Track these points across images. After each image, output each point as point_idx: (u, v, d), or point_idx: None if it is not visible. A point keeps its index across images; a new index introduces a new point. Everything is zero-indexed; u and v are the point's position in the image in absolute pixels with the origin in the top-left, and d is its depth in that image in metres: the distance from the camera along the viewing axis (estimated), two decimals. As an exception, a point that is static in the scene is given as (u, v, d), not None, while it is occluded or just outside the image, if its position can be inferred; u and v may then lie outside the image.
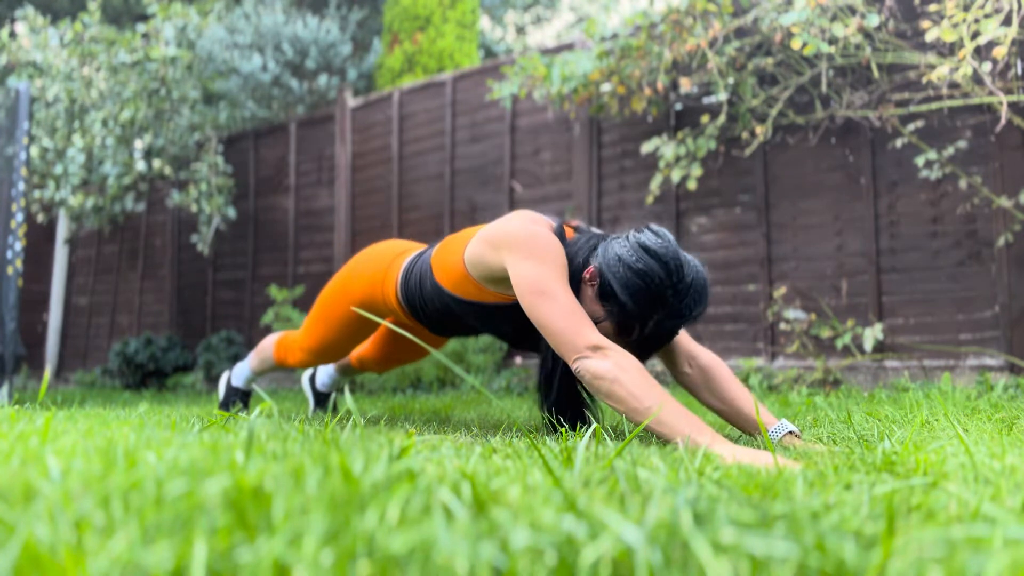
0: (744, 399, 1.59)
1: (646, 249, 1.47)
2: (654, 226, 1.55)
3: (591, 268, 1.53)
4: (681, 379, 1.67)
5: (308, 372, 2.71)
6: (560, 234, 1.63)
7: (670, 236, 1.52)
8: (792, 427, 1.47)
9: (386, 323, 1.23)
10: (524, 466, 0.84)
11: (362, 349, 2.42)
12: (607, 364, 1.35)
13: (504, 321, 1.74)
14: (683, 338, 1.68)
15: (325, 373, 2.63)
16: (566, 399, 1.61)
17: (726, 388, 1.60)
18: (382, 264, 1.98)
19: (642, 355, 1.54)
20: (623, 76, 3.68)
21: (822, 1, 3.12)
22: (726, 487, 0.73)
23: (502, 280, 1.62)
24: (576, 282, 1.56)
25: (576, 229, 1.70)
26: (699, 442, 1.21)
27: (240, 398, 2.52)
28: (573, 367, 1.42)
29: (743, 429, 1.59)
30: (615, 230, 4.15)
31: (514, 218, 1.63)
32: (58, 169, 5.29)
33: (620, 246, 1.52)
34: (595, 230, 1.70)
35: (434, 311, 1.84)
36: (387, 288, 1.94)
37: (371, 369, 2.47)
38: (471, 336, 2.01)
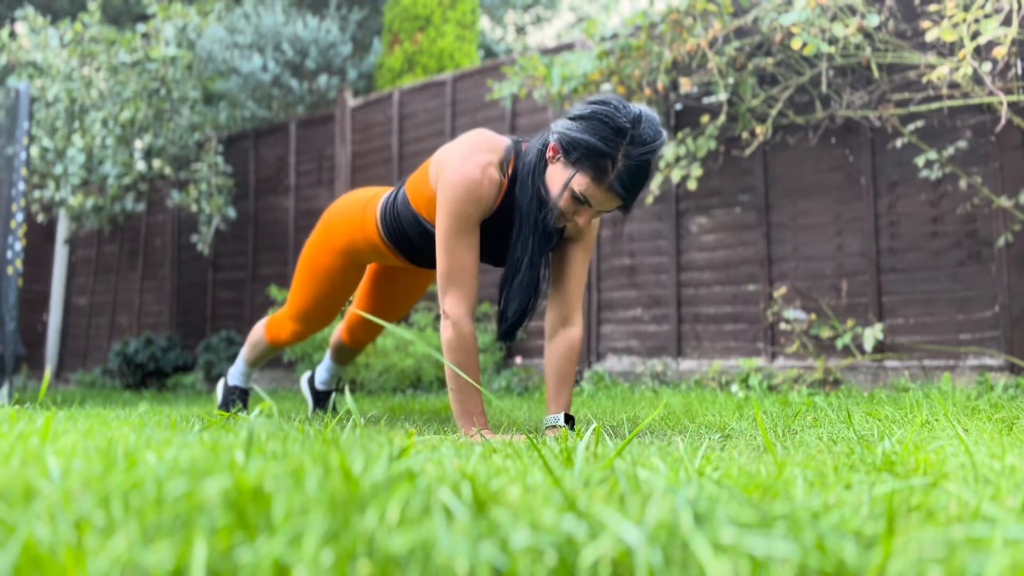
0: (555, 387, 1.79)
1: (588, 102, 1.62)
2: None
3: (551, 144, 1.65)
4: (547, 336, 1.84)
5: (307, 374, 2.73)
6: (517, 151, 1.77)
7: None
8: (553, 423, 1.71)
9: (361, 313, 1.26)
10: (524, 466, 0.84)
11: (349, 317, 2.44)
12: (446, 336, 1.71)
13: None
14: (573, 297, 1.82)
15: (323, 368, 2.64)
16: (519, 301, 1.78)
17: (553, 373, 1.80)
18: (357, 210, 2.07)
19: (629, 195, 1.61)
20: (623, 76, 3.68)
21: (822, 1, 3.12)
22: (726, 487, 0.73)
23: None
24: (542, 171, 1.69)
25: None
26: (464, 431, 1.67)
27: (239, 397, 2.51)
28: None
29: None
30: (617, 229, 4.15)
31: (460, 149, 1.74)
32: (58, 169, 5.29)
33: (566, 114, 1.66)
34: None
35: (415, 238, 1.94)
36: (367, 229, 2.03)
37: (363, 337, 2.47)
38: None
